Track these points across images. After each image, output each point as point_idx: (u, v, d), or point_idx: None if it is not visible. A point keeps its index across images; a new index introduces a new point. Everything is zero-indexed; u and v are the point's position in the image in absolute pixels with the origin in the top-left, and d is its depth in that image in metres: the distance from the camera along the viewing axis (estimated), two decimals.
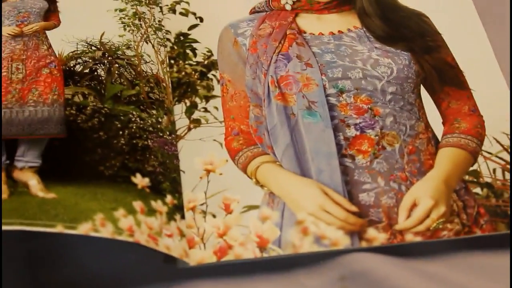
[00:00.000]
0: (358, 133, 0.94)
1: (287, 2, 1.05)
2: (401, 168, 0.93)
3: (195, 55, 1.08)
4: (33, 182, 0.91)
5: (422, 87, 0.98)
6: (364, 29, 1.01)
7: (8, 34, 1.01)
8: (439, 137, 0.97)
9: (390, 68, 0.95)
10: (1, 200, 0.88)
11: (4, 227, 0.79)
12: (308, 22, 1.03)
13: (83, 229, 0.82)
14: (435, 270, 0.87)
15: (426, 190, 0.91)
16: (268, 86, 0.97)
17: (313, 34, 1.01)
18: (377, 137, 0.93)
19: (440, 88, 0.98)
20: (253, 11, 1.06)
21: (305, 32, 1.02)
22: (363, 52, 0.98)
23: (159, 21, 1.11)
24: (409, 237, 0.89)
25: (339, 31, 1.01)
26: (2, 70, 0.97)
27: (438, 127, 0.98)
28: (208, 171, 0.96)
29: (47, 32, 1.04)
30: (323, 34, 1.01)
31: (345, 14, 1.03)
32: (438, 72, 0.98)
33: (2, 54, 0.98)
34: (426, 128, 0.96)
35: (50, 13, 1.07)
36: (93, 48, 1.03)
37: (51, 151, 0.94)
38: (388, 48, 0.98)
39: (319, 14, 1.03)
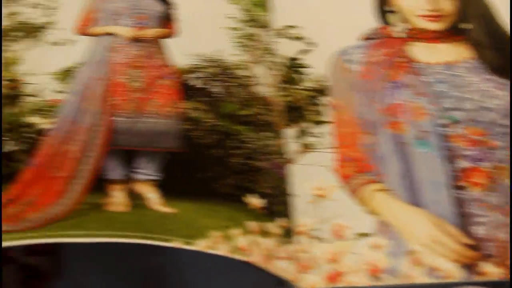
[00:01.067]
0: (471, 165, 0.94)
1: (399, 30, 1.05)
2: None
3: (306, 80, 1.08)
4: (153, 196, 0.94)
5: None
6: (478, 60, 1.01)
7: (127, 36, 1.02)
8: None
9: (504, 100, 0.96)
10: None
11: (124, 240, 0.83)
12: (420, 51, 1.03)
13: (200, 245, 0.85)
14: None
15: None
16: (379, 114, 0.98)
17: (425, 63, 1.02)
18: (491, 170, 0.94)
19: None
20: (364, 38, 1.07)
21: (416, 61, 1.02)
22: (477, 83, 0.98)
23: (271, 43, 1.11)
24: None
25: (451, 61, 1.02)
26: (120, 76, 1.00)
27: None
28: (319, 197, 0.96)
29: (165, 40, 1.05)
30: (435, 64, 1.01)
31: (458, 45, 1.03)
32: None
33: (120, 57, 1.00)
34: None
35: (168, 20, 1.07)
36: (209, 64, 1.05)
37: (169, 165, 0.96)
38: (501, 80, 0.99)
39: (432, 43, 1.03)
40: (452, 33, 1.03)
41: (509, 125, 0.96)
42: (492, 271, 0.89)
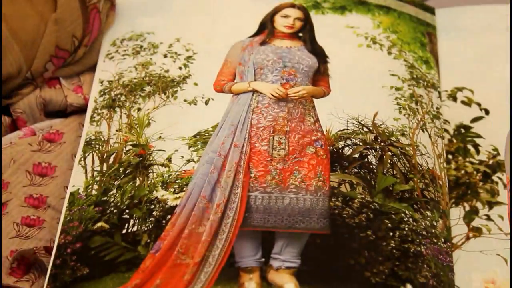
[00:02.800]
0: None
1: None
2: None
3: (477, 152, 1.04)
4: (290, 286, 0.87)
5: None
6: None
7: (272, 95, 0.95)
8: None
9: None
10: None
11: None
12: None
13: None
14: None
15: None
16: None
17: None
18: None
19: None
20: None
21: None
22: None
23: (437, 108, 1.06)
24: None
25: None
26: (261, 143, 0.94)
27: None
28: None
29: (314, 100, 0.98)
30: None
31: None
32: None
33: (263, 121, 0.95)
34: None
35: (319, 76, 1.00)
36: (365, 129, 1.00)
37: (311, 249, 0.91)
38: None
39: None
40: None
41: None
42: None
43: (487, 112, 1.08)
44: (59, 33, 1.02)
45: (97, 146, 1.00)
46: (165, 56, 1.09)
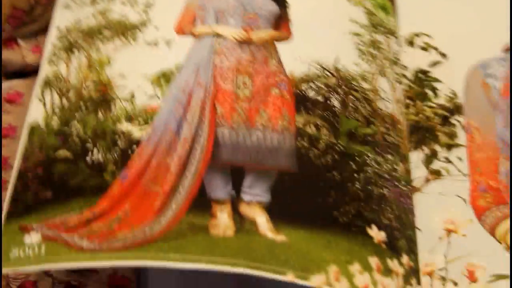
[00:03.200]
0: None
1: None
2: None
3: (436, 96, 1.05)
4: (262, 220, 0.90)
5: None
6: None
7: (235, 37, 0.98)
8: None
9: None
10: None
11: (229, 268, 0.81)
12: None
13: (316, 281, 0.81)
14: None
15: None
16: None
17: None
18: None
19: None
20: (506, 49, 1.04)
21: None
22: None
23: (395, 53, 1.09)
24: None
25: None
26: (225, 82, 0.96)
27: None
28: (449, 231, 0.93)
29: (276, 44, 1.00)
30: None
31: None
32: None
33: (227, 62, 0.97)
34: None
35: (280, 21, 1.02)
36: (327, 73, 1.01)
37: (280, 186, 0.93)
38: None
39: None
40: None
41: None
42: None
43: (444, 56, 1.10)
44: None
45: (55, 84, 1.02)
46: (123, 3, 1.10)
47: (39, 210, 0.89)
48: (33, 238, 0.85)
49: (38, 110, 0.99)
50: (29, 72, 1.10)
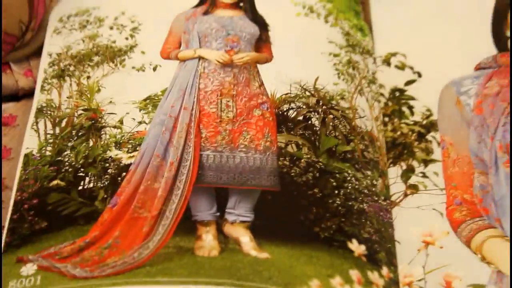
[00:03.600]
0: None
1: None
2: None
3: (412, 113, 1.07)
4: (246, 239, 0.92)
5: None
6: None
7: (218, 60, 0.99)
8: None
9: None
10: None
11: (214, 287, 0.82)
12: None
13: None
14: None
15: None
16: (496, 151, 0.95)
17: None
18: None
19: None
20: (478, 68, 1.05)
21: None
22: None
23: (373, 73, 1.10)
24: None
25: None
26: (209, 106, 0.98)
27: None
28: (427, 243, 0.94)
29: (258, 66, 1.02)
30: None
31: None
32: None
33: (210, 85, 0.99)
34: None
35: (262, 43, 1.04)
36: (307, 93, 1.03)
37: (263, 205, 0.95)
38: None
39: None
40: None
41: None
42: None
43: (419, 75, 1.11)
44: (6, 20, 1.03)
45: (48, 112, 1.03)
46: (111, 28, 1.12)
47: (34, 241, 0.90)
48: (29, 269, 0.85)
49: (32, 139, 1.00)
50: (22, 95, 1.11)
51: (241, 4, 1.07)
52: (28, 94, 1.08)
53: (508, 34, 1.07)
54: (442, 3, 1.20)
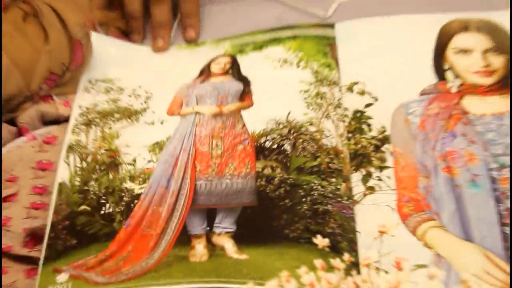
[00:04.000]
0: None
1: (452, 86, 1.16)
2: None
3: (370, 130, 1.14)
4: (229, 246, 0.99)
5: None
6: None
7: (211, 113, 1.18)
8: None
9: None
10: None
11: (204, 285, 0.90)
12: (472, 104, 1.13)
13: (270, 285, 0.89)
14: None
15: None
16: (436, 160, 1.04)
17: (477, 115, 1.11)
18: None
19: None
20: (422, 93, 1.18)
21: (469, 113, 1.08)
22: None
23: (338, 99, 1.22)
24: None
25: (500, 112, 1.11)
26: (203, 146, 1.13)
27: None
28: (382, 233, 1.00)
29: (242, 112, 1.15)
30: (485, 115, 1.11)
31: (505, 96, 1.13)
32: None
33: (204, 131, 1.15)
34: None
35: (245, 95, 1.22)
36: (281, 125, 1.12)
37: (244, 218, 1.02)
38: None
39: (482, 96, 1.14)
40: (502, 86, 1.14)
41: None
42: None
43: (376, 99, 1.22)
44: (51, 61, 1.15)
45: (77, 149, 1.12)
46: (129, 96, 1.28)
47: (67, 255, 0.98)
48: (62, 278, 0.93)
49: (64, 171, 1.07)
50: (61, 120, 1.19)
51: (230, 71, 1.28)
52: (66, 120, 1.19)
53: (446, 67, 1.21)
54: (394, 41, 1.29)
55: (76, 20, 1.20)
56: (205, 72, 1.23)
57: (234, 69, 1.22)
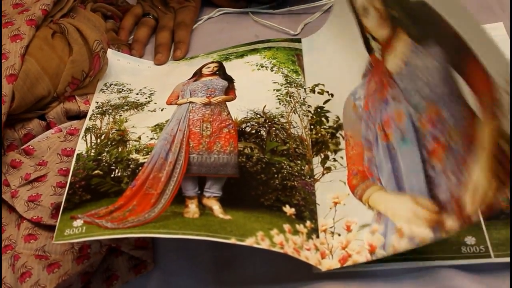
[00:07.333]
0: (435, 144, 0.93)
1: (375, 51, 1.10)
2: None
3: (327, 121, 1.17)
4: (216, 207, 1.01)
5: None
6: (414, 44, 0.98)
7: (201, 102, 1.26)
8: None
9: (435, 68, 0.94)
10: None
11: (196, 237, 0.91)
12: (390, 62, 1.05)
13: (249, 242, 0.91)
14: None
15: None
16: (376, 131, 1.03)
17: (397, 70, 1.03)
18: (445, 140, 0.91)
19: None
20: (364, 76, 1.14)
21: (392, 73, 1.04)
22: (425, 68, 0.94)
23: (304, 98, 1.23)
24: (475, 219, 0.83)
25: (406, 55, 1.01)
26: (195, 128, 1.18)
27: None
28: (335, 203, 1.03)
29: (227, 103, 1.20)
30: (401, 67, 1.02)
31: (403, 37, 1.02)
32: None
33: (196, 116, 1.18)
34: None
35: (229, 90, 1.24)
36: (258, 115, 1.16)
37: (228, 186, 1.04)
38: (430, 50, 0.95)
39: (392, 49, 1.04)
40: (394, 28, 1.03)
41: None
42: (454, 224, 0.86)
43: (332, 95, 1.22)
44: (74, 69, 1.17)
45: (93, 130, 1.17)
46: (137, 94, 1.30)
47: (82, 206, 1.01)
48: (78, 223, 0.96)
49: (82, 145, 1.13)
50: (82, 116, 1.22)
51: (217, 72, 1.37)
52: (86, 115, 1.21)
53: (368, 36, 1.12)
54: (338, 51, 1.29)
55: (95, 37, 1.21)
56: (198, 74, 1.30)
57: (220, 71, 1.30)
